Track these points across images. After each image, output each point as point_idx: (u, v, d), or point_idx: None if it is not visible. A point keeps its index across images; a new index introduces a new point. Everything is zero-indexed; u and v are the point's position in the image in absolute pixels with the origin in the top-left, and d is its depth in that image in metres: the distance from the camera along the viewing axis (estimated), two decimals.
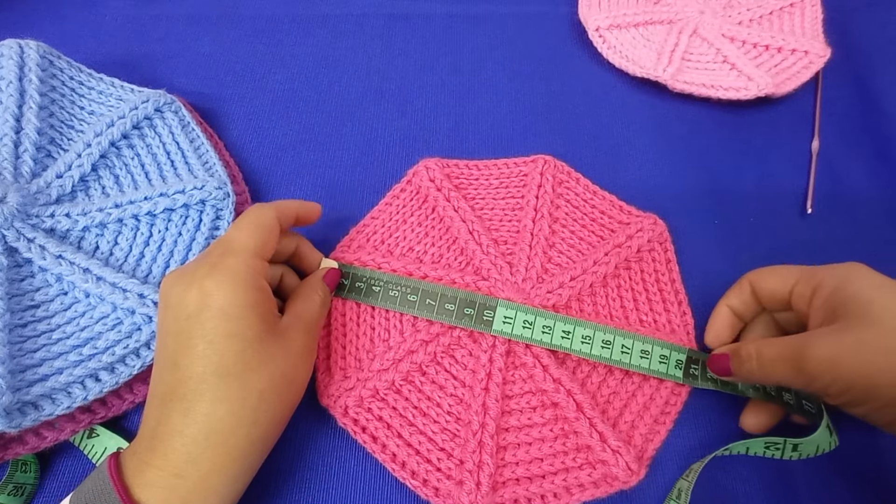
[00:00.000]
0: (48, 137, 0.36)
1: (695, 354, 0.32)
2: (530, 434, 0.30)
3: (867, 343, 0.24)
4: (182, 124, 0.38)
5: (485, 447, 0.29)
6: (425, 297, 0.32)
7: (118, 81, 0.39)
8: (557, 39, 0.48)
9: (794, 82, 0.43)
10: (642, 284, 0.35)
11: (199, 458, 0.24)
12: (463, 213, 0.36)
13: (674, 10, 0.47)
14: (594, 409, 0.30)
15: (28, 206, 0.32)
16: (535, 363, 0.31)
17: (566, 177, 0.39)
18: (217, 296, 0.25)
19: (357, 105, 0.43)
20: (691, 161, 0.42)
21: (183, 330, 0.25)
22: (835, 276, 0.26)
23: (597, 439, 0.29)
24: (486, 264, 0.34)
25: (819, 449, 0.28)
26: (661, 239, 0.36)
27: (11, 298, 0.30)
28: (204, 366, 0.24)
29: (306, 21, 0.48)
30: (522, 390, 0.31)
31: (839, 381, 0.24)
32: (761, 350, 0.27)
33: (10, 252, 0.31)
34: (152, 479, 0.23)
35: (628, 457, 0.28)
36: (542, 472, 0.29)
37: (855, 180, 0.41)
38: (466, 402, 0.31)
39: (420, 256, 0.36)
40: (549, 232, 0.36)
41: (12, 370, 0.28)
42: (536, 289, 0.33)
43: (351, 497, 0.30)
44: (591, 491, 0.28)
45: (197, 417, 0.24)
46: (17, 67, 0.36)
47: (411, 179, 0.38)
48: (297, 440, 0.31)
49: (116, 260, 0.33)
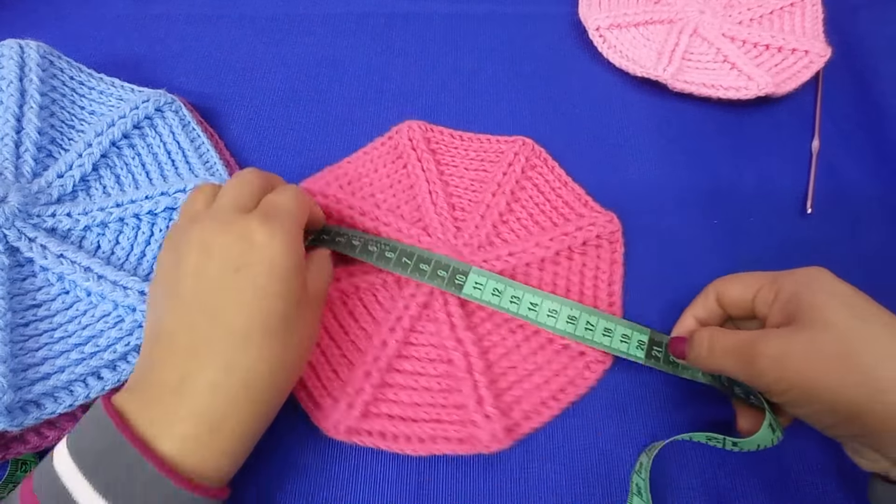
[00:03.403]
0: (49, 137, 0.36)
1: (657, 336, 0.32)
2: (418, 382, 0.32)
3: (815, 346, 0.24)
4: (182, 124, 0.38)
5: (370, 377, 0.31)
6: (401, 257, 0.33)
7: (118, 81, 0.39)
8: (557, 39, 0.48)
9: (794, 82, 0.43)
10: (579, 277, 0.36)
11: (237, 413, 0.24)
12: (429, 174, 0.38)
13: (674, 10, 0.47)
14: (483, 374, 0.31)
15: (29, 206, 0.32)
16: (446, 319, 0.33)
17: (540, 162, 0.40)
18: (268, 253, 0.25)
19: (357, 105, 0.43)
20: (691, 161, 0.42)
21: (231, 281, 0.24)
22: (795, 281, 0.27)
23: (473, 401, 0.30)
24: (435, 223, 0.36)
25: (760, 446, 0.28)
26: (612, 238, 0.37)
27: (13, 298, 0.30)
28: (251, 320, 0.24)
29: (306, 20, 0.48)
30: (427, 342, 0.33)
31: (783, 381, 0.24)
32: (714, 338, 0.27)
33: (11, 252, 0.31)
34: (183, 432, 0.23)
35: (498, 425, 0.29)
36: (416, 417, 0.30)
37: (855, 180, 0.41)
38: (370, 336, 0.33)
39: (378, 202, 0.38)
40: (504, 208, 0.38)
41: (14, 369, 0.28)
42: (473, 255, 0.35)
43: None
44: (454, 446, 0.29)
45: (239, 373, 0.24)
46: (18, 67, 0.36)
47: (392, 136, 0.41)
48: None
49: (118, 259, 0.33)
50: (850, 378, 0.23)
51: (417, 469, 0.31)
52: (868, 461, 0.26)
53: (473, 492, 0.30)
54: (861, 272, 0.37)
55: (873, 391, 0.23)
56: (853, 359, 0.23)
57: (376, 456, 0.31)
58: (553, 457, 0.31)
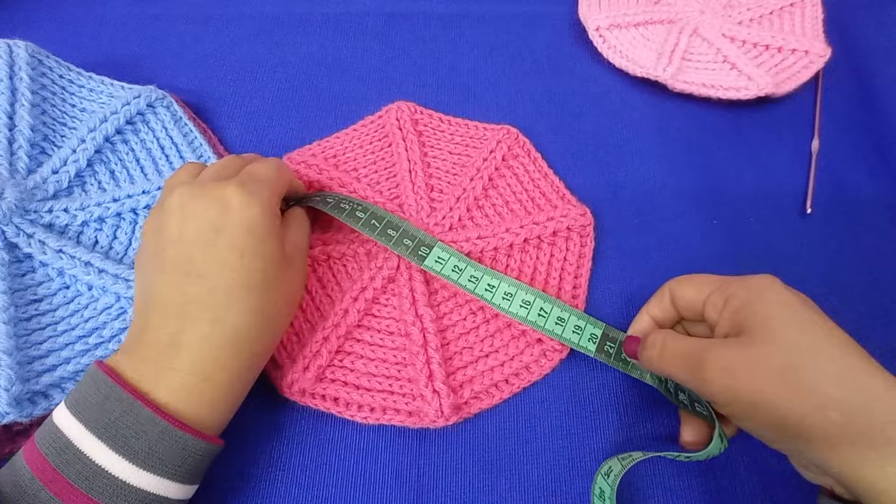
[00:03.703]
0: (41, 134, 0.36)
1: (612, 332, 0.33)
2: (375, 353, 0.32)
3: (761, 360, 0.24)
4: (174, 119, 0.39)
5: (328, 342, 0.31)
6: (371, 219, 0.34)
7: (108, 79, 0.40)
8: (557, 39, 0.48)
9: (794, 82, 0.43)
10: (546, 267, 0.36)
11: (227, 363, 0.25)
12: (411, 154, 0.39)
13: (674, 10, 0.47)
14: (437, 350, 0.32)
15: (26, 202, 0.32)
16: (408, 294, 0.33)
17: (522, 151, 0.40)
18: (246, 214, 0.27)
19: (357, 104, 0.43)
20: (691, 161, 0.42)
21: (212, 242, 0.26)
22: (745, 288, 0.26)
23: (424, 375, 0.31)
24: (410, 201, 0.37)
25: (709, 456, 0.28)
26: (583, 232, 0.37)
27: (15, 293, 0.31)
28: (234, 278, 0.26)
29: (306, 20, 0.48)
30: (388, 315, 0.34)
31: (729, 392, 0.24)
32: (666, 342, 0.27)
33: (10, 248, 0.31)
34: (176, 383, 0.24)
35: (445, 401, 0.30)
36: (369, 387, 0.31)
37: (855, 180, 0.41)
38: (334, 303, 0.34)
39: (359, 176, 0.39)
40: (480, 193, 0.38)
41: (20, 361, 0.28)
42: (444, 234, 0.36)
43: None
44: (402, 418, 0.30)
45: (226, 326, 0.26)
46: (7, 66, 0.36)
47: (382, 115, 0.42)
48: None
49: (116, 253, 0.34)
50: (794, 393, 0.23)
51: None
52: (813, 474, 0.26)
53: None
54: (861, 272, 0.37)
55: (816, 407, 0.22)
56: (798, 373, 0.23)
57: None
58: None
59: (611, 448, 0.31)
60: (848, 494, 0.24)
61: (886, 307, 0.36)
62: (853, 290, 0.36)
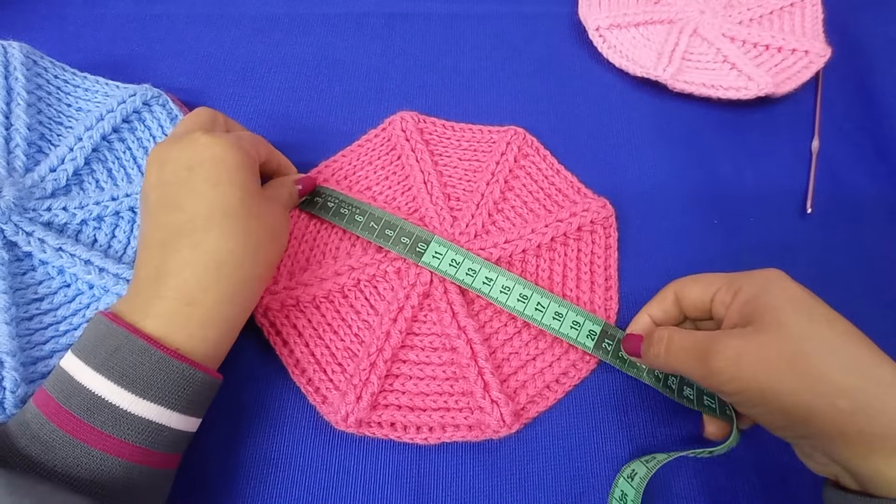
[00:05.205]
0: (38, 133, 0.36)
1: (611, 329, 0.33)
2: (424, 371, 0.32)
3: (769, 348, 0.24)
4: (171, 117, 0.39)
5: (376, 368, 0.31)
6: (370, 221, 0.34)
7: (102, 79, 0.40)
8: (557, 39, 0.48)
9: (794, 82, 0.43)
10: (576, 262, 0.36)
11: (211, 286, 0.26)
12: (423, 165, 0.39)
13: (674, 10, 0.47)
14: (487, 360, 0.31)
15: (24, 200, 0.32)
16: (447, 308, 0.33)
17: (532, 151, 0.40)
18: (217, 150, 0.28)
19: (357, 104, 0.43)
20: (691, 161, 0.42)
21: (186, 178, 0.27)
22: (753, 283, 0.27)
23: (480, 387, 0.30)
24: (431, 213, 0.37)
25: (730, 447, 0.29)
26: (606, 224, 0.37)
27: (16, 292, 0.31)
28: (210, 206, 0.27)
29: (306, 20, 0.48)
30: (429, 331, 0.33)
31: (737, 381, 0.24)
32: (672, 337, 0.28)
33: (10, 246, 0.31)
34: (163, 309, 0.25)
35: (505, 409, 0.30)
36: (424, 406, 0.31)
37: (855, 180, 0.41)
38: (373, 328, 0.33)
39: (375, 196, 0.38)
40: (499, 197, 0.38)
41: (24, 362, 0.28)
42: (471, 243, 0.35)
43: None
44: (463, 433, 0.30)
45: (207, 248, 0.26)
46: (3, 66, 0.37)
47: (386, 127, 0.41)
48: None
49: (115, 252, 0.34)
50: (801, 381, 0.23)
51: (420, 458, 0.31)
52: (818, 464, 0.26)
53: (471, 483, 0.31)
54: (861, 272, 0.37)
55: (824, 394, 0.23)
56: (806, 362, 0.23)
57: (382, 447, 0.31)
58: (546, 448, 0.32)
59: (611, 450, 0.32)
60: (854, 484, 0.24)
61: (886, 307, 0.36)
62: (853, 289, 0.36)
